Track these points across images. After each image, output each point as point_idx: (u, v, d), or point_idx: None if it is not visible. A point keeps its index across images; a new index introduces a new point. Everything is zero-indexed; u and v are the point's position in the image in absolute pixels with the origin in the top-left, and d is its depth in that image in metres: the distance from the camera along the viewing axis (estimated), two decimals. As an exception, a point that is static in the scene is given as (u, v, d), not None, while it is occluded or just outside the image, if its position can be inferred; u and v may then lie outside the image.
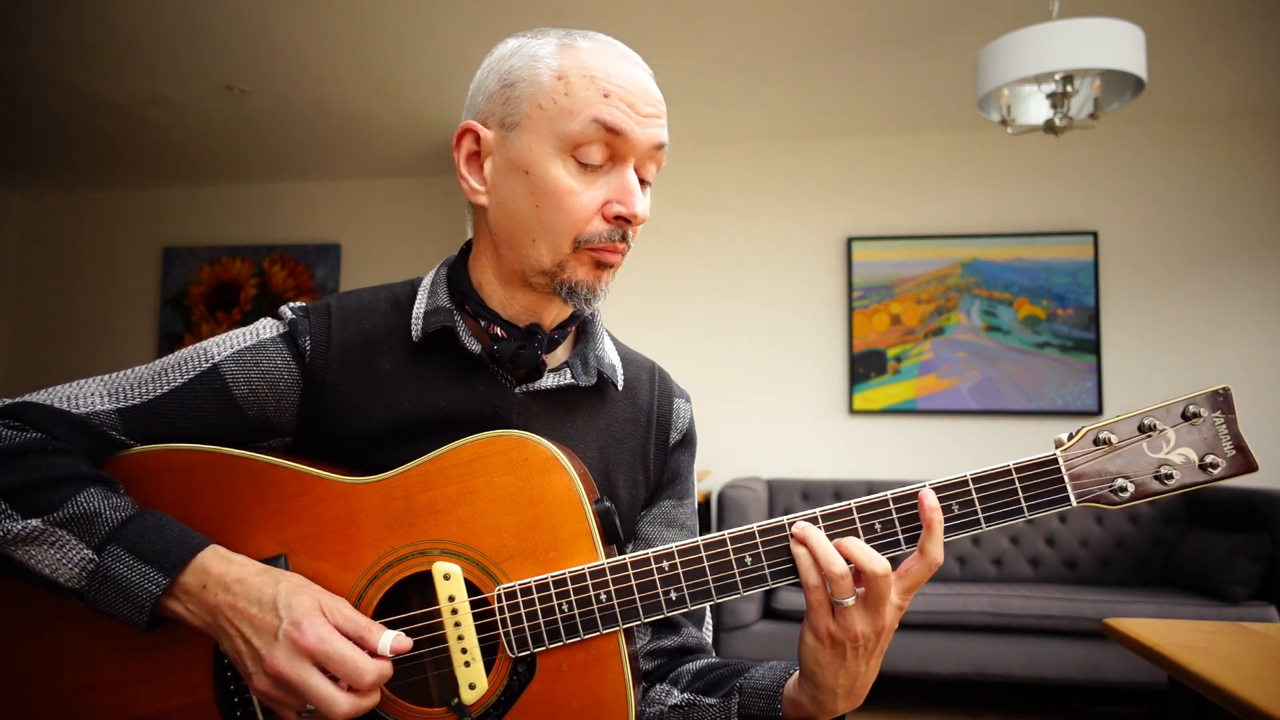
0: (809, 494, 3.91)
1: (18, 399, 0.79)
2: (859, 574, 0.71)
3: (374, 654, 0.72)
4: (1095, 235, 4.04)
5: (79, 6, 3.13)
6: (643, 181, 0.82)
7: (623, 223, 0.79)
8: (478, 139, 0.82)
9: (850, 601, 0.71)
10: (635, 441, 0.92)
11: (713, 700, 0.84)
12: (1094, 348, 4.00)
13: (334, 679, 0.70)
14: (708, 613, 0.97)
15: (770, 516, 3.76)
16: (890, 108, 3.97)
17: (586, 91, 0.77)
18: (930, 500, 0.72)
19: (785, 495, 3.91)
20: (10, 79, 3.73)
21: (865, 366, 4.18)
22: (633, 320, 4.30)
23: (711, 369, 4.29)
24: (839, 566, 0.71)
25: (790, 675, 0.80)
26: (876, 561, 0.71)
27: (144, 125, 4.31)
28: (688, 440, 0.98)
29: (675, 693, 0.88)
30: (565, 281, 0.80)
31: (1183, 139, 4.05)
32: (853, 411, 4.17)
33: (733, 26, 3.25)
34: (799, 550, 0.73)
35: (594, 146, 0.78)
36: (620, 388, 0.92)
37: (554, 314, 0.86)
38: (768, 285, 4.32)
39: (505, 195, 0.81)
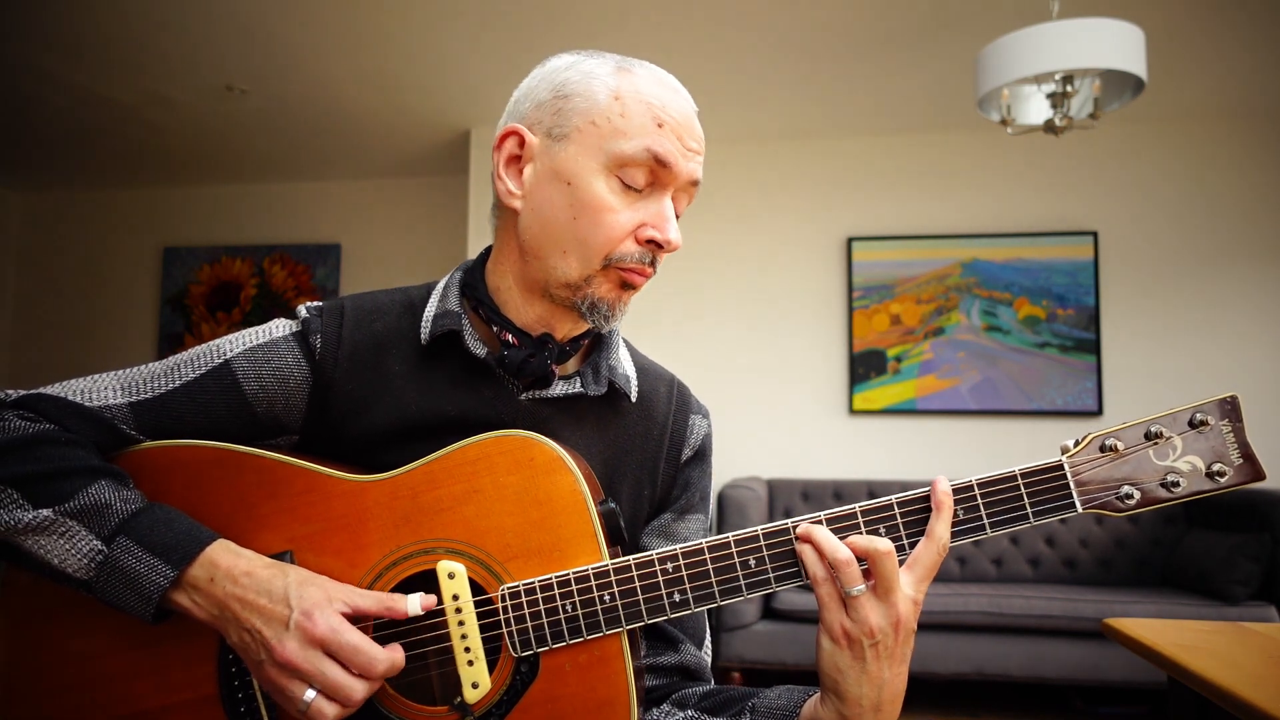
0: (809, 494, 3.91)
1: (31, 390, 0.80)
2: (865, 566, 0.72)
3: (404, 618, 0.74)
4: (1095, 235, 4.04)
5: (79, 6, 3.13)
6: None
7: (654, 247, 0.80)
8: (521, 143, 0.82)
9: (860, 589, 0.71)
10: (645, 454, 0.91)
11: None
12: (1094, 348, 4.00)
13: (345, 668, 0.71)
14: (707, 633, 0.96)
15: (770, 517, 3.76)
16: (890, 108, 3.97)
17: (641, 117, 0.78)
18: (944, 485, 0.74)
19: (785, 495, 3.91)
20: (11, 78, 3.73)
21: (865, 366, 4.18)
22: (632, 320, 4.30)
23: (711, 369, 4.29)
24: (844, 553, 0.71)
25: (809, 696, 0.79)
26: (878, 541, 0.71)
27: (144, 125, 4.31)
28: (700, 457, 0.96)
29: (678, 713, 0.85)
30: (588, 297, 0.81)
31: (1183, 139, 4.05)
32: (853, 411, 4.17)
33: (733, 27, 3.25)
34: (804, 548, 0.73)
35: (639, 170, 0.79)
36: (634, 399, 0.91)
37: (568, 327, 0.86)
38: (768, 285, 4.33)
39: (542, 203, 0.81)
